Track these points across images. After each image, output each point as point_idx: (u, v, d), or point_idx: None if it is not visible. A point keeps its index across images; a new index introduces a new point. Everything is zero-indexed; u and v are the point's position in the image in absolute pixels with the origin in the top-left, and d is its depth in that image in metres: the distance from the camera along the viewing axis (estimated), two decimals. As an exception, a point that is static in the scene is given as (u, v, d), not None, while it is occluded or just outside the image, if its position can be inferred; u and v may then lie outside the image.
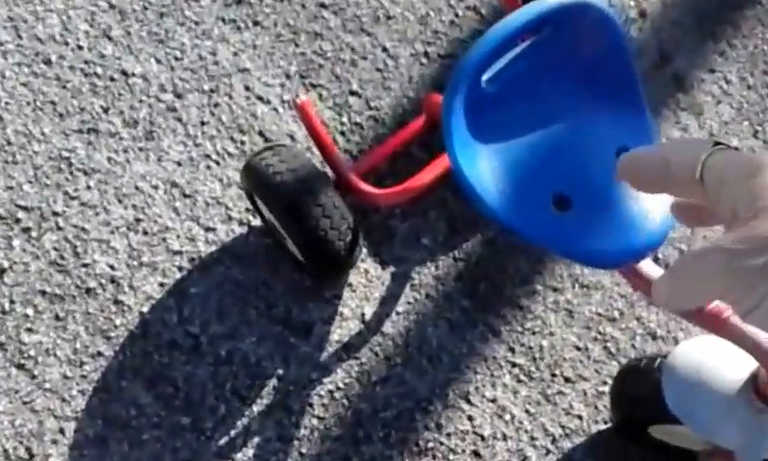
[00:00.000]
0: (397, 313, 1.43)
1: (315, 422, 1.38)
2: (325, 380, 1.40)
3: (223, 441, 1.37)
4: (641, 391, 1.14)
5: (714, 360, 1.00)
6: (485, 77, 1.05)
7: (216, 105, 1.54)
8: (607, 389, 1.37)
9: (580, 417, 1.37)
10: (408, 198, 1.30)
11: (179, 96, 1.55)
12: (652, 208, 1.05)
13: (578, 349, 1.41)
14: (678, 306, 0.43)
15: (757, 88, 1.58)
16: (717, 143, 0.43)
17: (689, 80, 1.58)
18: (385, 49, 1.58)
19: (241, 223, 1.48)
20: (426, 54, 1.58)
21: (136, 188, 1.51)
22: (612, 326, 1.42)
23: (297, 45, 1.58)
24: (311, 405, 1.38)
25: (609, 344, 1.41)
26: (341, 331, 1.42)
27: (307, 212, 1.22)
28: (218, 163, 1.51)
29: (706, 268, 0.39)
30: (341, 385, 1.40)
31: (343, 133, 1.53)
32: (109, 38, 1.58)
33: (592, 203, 1.05)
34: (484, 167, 1.06)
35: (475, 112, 1.05)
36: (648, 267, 1.09)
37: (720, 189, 0.40)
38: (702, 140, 0.43)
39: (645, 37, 1.60)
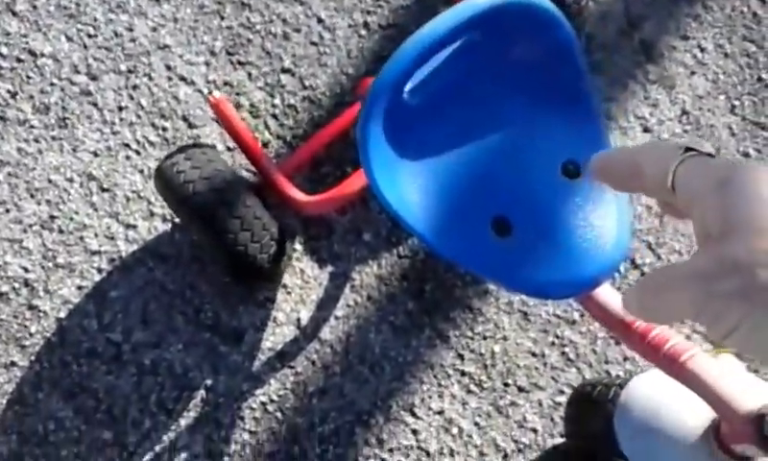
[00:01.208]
0: (336, 317, 1.30)
1: (246, 436, 1.26)
2: (258, 392, 1.27)
3: (147, 457, 1.25)
4: (594, 426, 1.01)
5: (674, 401, 0.87)
6: (408, 87, 0.90)
7: (135, 87, 1.38)
8: (564, 399, 1.25)
9: (534, 430, 1.25)
10: (341, 204, 1.15)
11: (93, 78, 1.38)
12: (604, 232, 0.90)
13: (533, 355, 1.28)
14: (649, 321, 0.42)
15: (736, 57, 1.41)
16: (689, 149, 0.40)
17: (659, 48, 1.41)
18: (320, 20, 1.41)
19: (164, 219, 1.33)
20: (366, 25, 1.41)
21: (50, 182, 1.36)
22: (570, 329, 1.29)
23: (222, 18, 1.40)
24: (242, 419, 1.26)
25: (567, 349, 1.28)
26: (274, 338, 1.29)
27: (223, 226, 1.07)
28: (138, 153, 1.36)
29: (679, 290, 0.38)
30: (274, 397, 1.27)
31: (275, 117, 1.37)
32: (14, 14, 1.41)
33: (536, 226, 0.90)
34: (411, 188, 0.91)
35: (398, 128, 0.89)
36: (604, 294, 0.95)
37: (691, 202, 0.39)
38: (673, 145, 0.41)
39: (609, 0, 1.42)
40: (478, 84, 0.93)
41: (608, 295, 0.95)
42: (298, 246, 1.32)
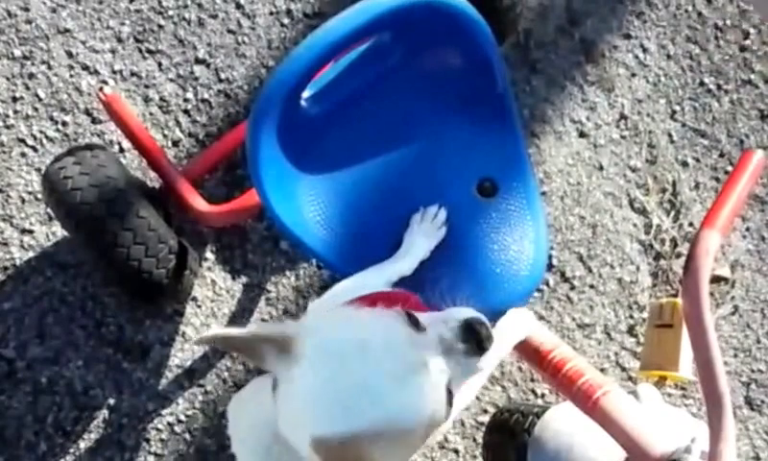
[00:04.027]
0: (249, 332, 1.30)
1: (152, 459, 1.26)
2: (164, 411, 1.27)
3: (44, 483, 1.25)
4: (509, 456, 1.04)
5: (587, 436, 0.90)
6: (306, 94, 0.89)
7: (31, 76, 1.34)
8: (487, 418, 1.28)
9: (456, 451, 1.28)
10: (249, 215, 1.14)
11: (-16, 64, 1.34)
12: (519, 256, 0.91)
13: (456, 373, 1.30)
14: None
15: (678, 59, 1.43)
16: None
17: (600, 47, 1.42)
18: (239, 5, 1.39)
19: (64, 223, 1.31)
20: (289, 12, 1.39)
21: (-65, 179, 1.32)
22: (496, 345, 1.31)
23: (131, 0, 1.37)
24: (147, 440, 1.26)
25: (491, 367, 1.31)
26: (183, 354, 1.29)
27: (112, 240, 1.05)
28: (35, 150, 1.33)
29: None
30: (182, 417, 1.27)
31: (187, 112, 1.35)
32: None
33: (447, 249, 0.91)
34: (311, 207, 0.90)
35: (296, 139, 0.88)
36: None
37: None
38: None
39: (551, -6, 1.43)
40: (388, 92, 0.92)
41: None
42: (209, 255, 1.31)
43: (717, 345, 0.76)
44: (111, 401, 1.27)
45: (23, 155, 1.32)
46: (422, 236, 0.87)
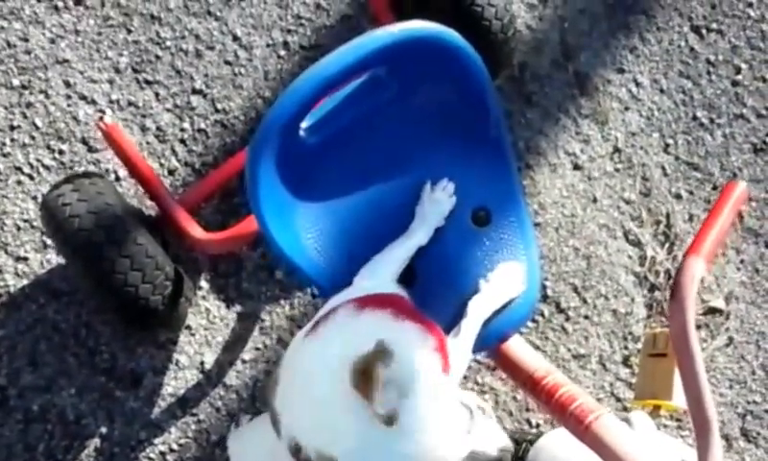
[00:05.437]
0: (243, 361, 1.34)
1: (144, 490, 1.29)
2: (156, 440, 1.30)
3: (34, 514, 1.27)
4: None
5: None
6: (304, 125, 0.94)
7: (29, 105, 1.39)
8: (481, 450, 1.31)
9: (450, 483, 1.31)
10: (246, 242, 1.19)
11: (-18, 92, 1.40)
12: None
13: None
14: None
15: (671, 93, 1.50)
16: None
17: (594, 81, 1.49)
18: (236, 38, 1.45)
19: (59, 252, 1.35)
20: (286, 44, 1.45)
21: (-69, 206, 1.36)
22: (492, 375, 1.35)
23: (129, 31, 1.43)
24: (139, 471, 1.29)
25: (487, 396, 1.34)
26: (176, 383, 1.32)
27: (110, 267, 1.09)
28: (31, 178, 1.37)
29: None
30: (175, 446, 1.30)
31: (184, 142, 1.40)
32: None
33: (442, 276, 0.96)
34: (309, 234, 0.95)
35: (294, 168, 0.93)
36: (513, 348, 1.01)
37: None
38: None
39: (545, 28, 1.50)
40: (384, 124, 0.98)
41: (517, 348, 1.01)
42: (204, 283, 1.35)
43: (704, 370, 0.80)
44: (103, 430, 1.30)
45: (19, 183, 1.37)
46: (435, 204, 0.93)
